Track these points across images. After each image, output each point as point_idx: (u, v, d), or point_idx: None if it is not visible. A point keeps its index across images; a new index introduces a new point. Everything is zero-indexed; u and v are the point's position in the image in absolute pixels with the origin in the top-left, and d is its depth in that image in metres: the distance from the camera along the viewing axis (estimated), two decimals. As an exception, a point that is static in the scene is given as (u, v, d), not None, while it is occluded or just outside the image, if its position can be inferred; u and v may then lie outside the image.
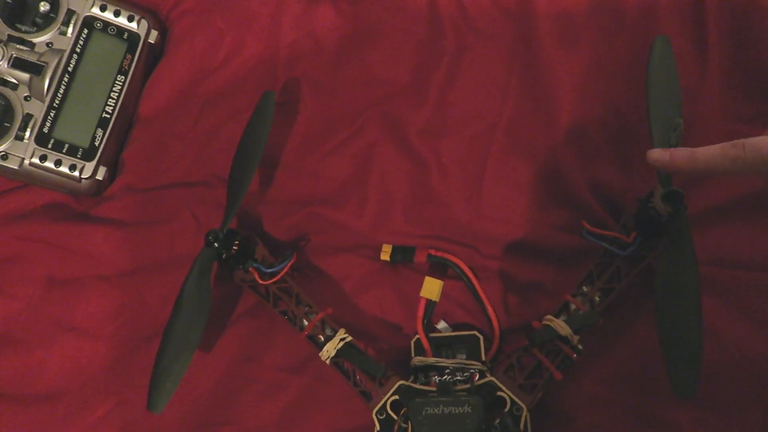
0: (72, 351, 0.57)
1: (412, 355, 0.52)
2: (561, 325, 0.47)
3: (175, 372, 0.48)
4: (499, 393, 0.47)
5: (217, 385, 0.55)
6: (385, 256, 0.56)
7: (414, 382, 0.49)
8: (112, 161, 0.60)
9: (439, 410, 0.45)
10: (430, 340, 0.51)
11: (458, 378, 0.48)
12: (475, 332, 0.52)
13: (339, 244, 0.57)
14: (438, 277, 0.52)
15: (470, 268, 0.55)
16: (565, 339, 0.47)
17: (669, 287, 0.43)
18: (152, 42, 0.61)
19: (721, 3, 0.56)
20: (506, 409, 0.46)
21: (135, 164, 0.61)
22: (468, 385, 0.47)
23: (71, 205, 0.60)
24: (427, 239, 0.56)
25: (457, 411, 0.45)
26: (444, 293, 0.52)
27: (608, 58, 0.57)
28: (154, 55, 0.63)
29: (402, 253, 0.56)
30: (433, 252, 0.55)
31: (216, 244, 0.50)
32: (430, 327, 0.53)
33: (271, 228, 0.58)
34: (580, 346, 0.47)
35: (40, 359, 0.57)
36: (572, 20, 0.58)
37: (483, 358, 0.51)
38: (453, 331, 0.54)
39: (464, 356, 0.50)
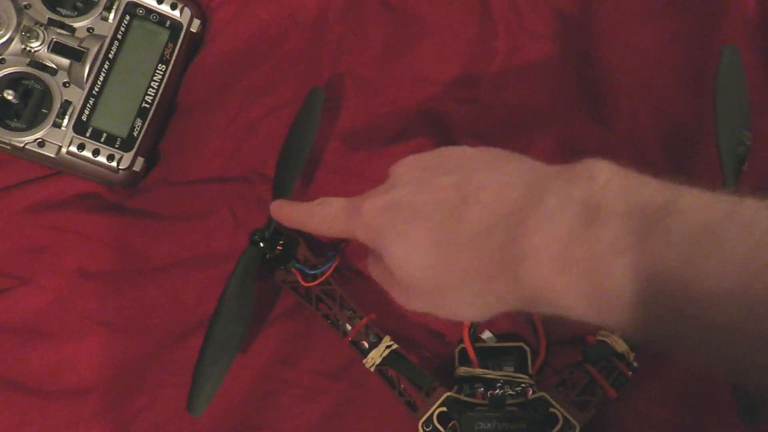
0: (103, 346, 0.55)
1: (456, 365, 0.50)
2: (617, 341, 0.46)
3: (215, 374, 0.47)
4: (551, 410, 0.45)
5: (253, 388, 0.54)
6: (429, 261, 0.54)
7: (458, 393, 0.48)
8: (149, 152, 0.59)
9: (492, 425, 0.43)
10: (475, 350, 0.50)
11: (509, 392, 0.46)
12: (522, 344, 0.51)
13: (381, 247, 0.56)
14: (484, 285, 0.50)
15: (517, 277, 0.53)
16: (620, 356, 0.46)
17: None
18: (194, 31, 0.59)
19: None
20: (558, 427, 0.45)
21: (171, 156, 0.60)
22: (519, 400, 0.46)
23: (104, 196, 0.59)
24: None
25: (510, 427, 0.43)
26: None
27: (668, 65, 0.55)
28: (194, 45, 0.61)
29: (447, 259, 0.54)
30: (479, 259, 0.54)
31: (261, 244, 0.49)
32: (475, 337, 0.51)
33: (312, 227, 0.56)
34: (635, 364, 0.46)
35: (70, 353, 0.55)
36: (631, 25, 0.56)
37: (530, 371, 0.49)
38: (498, 342, 0.52)
39: (512, 369, 0.49)
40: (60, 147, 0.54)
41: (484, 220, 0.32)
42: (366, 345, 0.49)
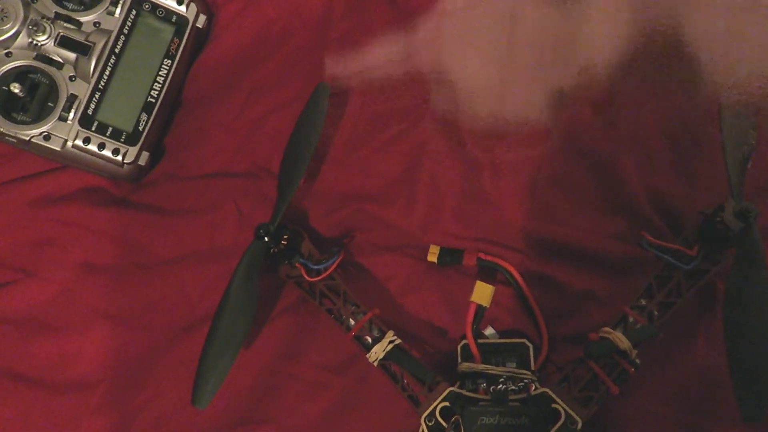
0: (107, 339, 0.55)
1: (459, 360, 0.50)
2: (620, 338, 0.46)
3: (220, 367, 0.47)
4: (553, 405, 0.45)
5: (257, 382, 0.54)
6: (432, 257, 0.54)
7: (461, 388, 0.48)
8: (154, 146, 0.59)
9: (494, 420, 0.44)
10: (478, 346, 0.50)
11: (512, 387, 0.47)
12: (525, 340, 0.51)
13: (385, 243, 0.56)
14: (487, 282, 0.50)
15: (520, 273, 0.54)
16: (622, 353, 0.46)
17: (739, 305, 0.41)
18: (200, 27, 0.59)
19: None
20: (560, 423, 0.45)
21: (177, 151, 0.60)
22: (521, 395, 0.46)
23: (110, 190, 0.59)
24: (476, 242, 0.55)
25: (513, 422, 0.43)
26: (493, 298, 0.51)
27: (673, 63, 0.55)
28: (200, 41, 0.61)
29: (450, 256, 0.54)
30: (482, 256, 0.54)
31: (266, 238, 0.49)
32: (478, 333, 0.52)
33: (316, 223, 0.57)
34: (637, 361, 0.46)
35: (74, 346, 0.55)
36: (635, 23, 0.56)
37: (532, 367, 0.49)
38: (500, 338, 0.53)
39: (514, 365, 0.49)
40: (66, 140, 0.54)
41: None
42: (369, 340, 0.50)
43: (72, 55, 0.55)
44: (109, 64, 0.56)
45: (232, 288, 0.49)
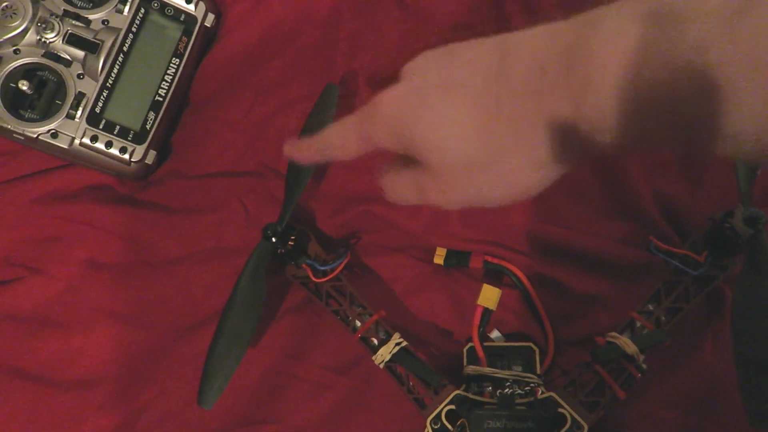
0: (112, 337, 0.55)
1: (465, 363, 0.50)
2: (627, 343, 0.46)
3: (227, 367, 0.47)
4: (559, 410, 0.45)
5: (261, 382, 0.54)
6: (438, 259, 0.54)
7: (466, 391, 0.48)
8: (162, 145, 0.59)
9: (501, 424, 0.43)
10: (484, 349, 0.50)
11: (518, 391, 0.46)
12: (531, 344, 0.51)
13: (391, 244, 0.56)
14: (493, 285, 0.50)
15: (527, 276, 0.53)
16: (630, 357, 0.46)
17: (748, 311, 0.41)
18: (208, 25, 0.59)
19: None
20: (566, 427, 0.45)
21: (184, 149, 0.60)
22: (528, 399, 0.46)
23: (116, 188, 0.59)
24: (482, 244, 0.55)
25: (519, 426, 0.43)
26: (499, 301, 0.51)
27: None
28: (208, 39, 0.61)
29: (456, 258, 0.54)
30: (489, 258, 0.54)
31: (274, 239, 0.49)
32: (484, 336, 0.52)
33: (322, 224, 0.57)
34: (644, 366, 0.46)
35: (79, 344, 0.55)
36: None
37: (538, 371, 0.49)
38: (506, 341, 0.52)
39: (520, 368, 0.49)
40: (73, 138, 0.54)
41: (533, 65, 0.28)
42: (375, 342, 0.49)
43: (80, 53, 0.55)
44: (118, 62, 0.56)
45: (239, 287, 0.49)
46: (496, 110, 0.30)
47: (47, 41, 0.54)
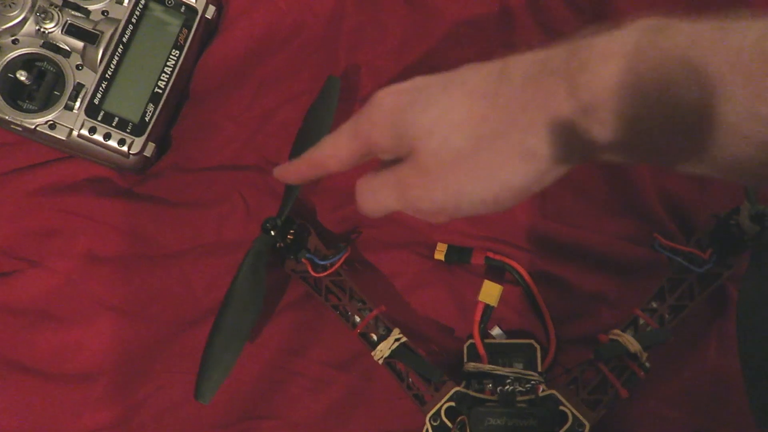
0: (111, 331, 0.55)
1: (465, 360, 0.50)
2: (630, 341, 0.45)
3: (225, 362, 0.47)
4: (561, 407, 0.45)
5: (260, 377, 0.53)
6: (439, 255, 0.54)
7: (467, 388, 0.47)
8: (161, 138, 0.58)
9: (501, 422, 0.43)
10: (485, 346, 0.50)
11: (519, 389, 0.46)
12: (532, 341, 0.50)
13: (392, 240, 0.55)
14: (495, 281, 0.50)
15: (529, 273, 0.53)
16: (633, 355, 0.45)
17: (753, 310, 0.41)
18: (209, 17, 0.59)
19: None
20: (568, 425, 0.44)
21: (184, 142, 0.59)
22: (529, 397, 0.45)
23: (115, 180, 0.58)
24: (485, 240, 0.54)
25: (520, 424, 0.43)
26: (501, 298, 0.50)
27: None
28: (209, 32, 0.60)
29: (458, 254, 0.54)
30: (491, 255, 0.53)
31: (273, 232, 0.48)
32: (484, 332, 0.51)
33: (323, 218, 0.56)
34: (647, 364, 0.45)
35: (78, 337, 0.55)
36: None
37: (539, 368, 0.49)
38: (507, 338, 0.52)
39: (521, 365, 0.49)
40: (71, 130, 0.54)
41: (536, 62, 0.29)
42: (375, 337, 0.49)
43: (79, 44, 0.54)
44: (117, 53, 0.55)
45: (237, 281, 0.48)
46: (493, 99, 0.29)
47: (46, 31, 0.54)
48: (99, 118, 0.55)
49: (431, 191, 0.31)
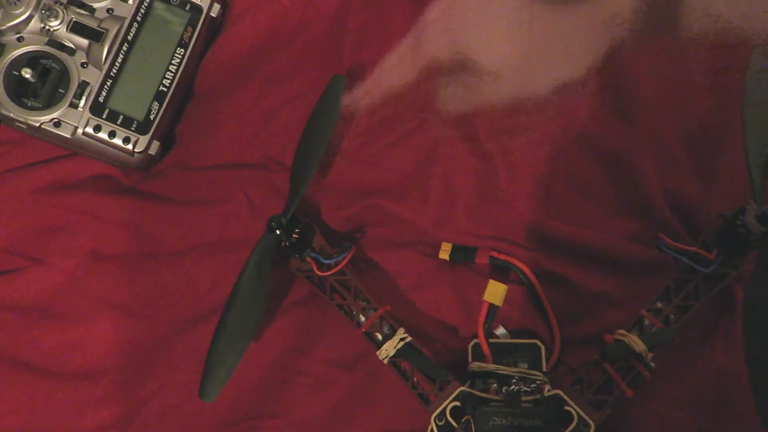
0: (114, 329, 0.55)
1: (470, 359, 0.50)
2: (636, 341, 0.45)
3: (229, 360, 0.47)
4: (566, 407, 0.45)
5: (265, 376, 0.53)
6: (444, 254, 0.53)
7: (471, 387, 0.47)
8: (165, 136, 0.58)
9: (507, 421, 0.43)
10: (489, 345, 0.49)
11: (524, 389, 0.46)
12: (537, 341, 0.50)
13: (397, 239, 0.55)
14: (499, 281, 0.50)
15: (533, 273, 0.53)
16: (638, 356, 0.45)
17: (760, 310, 0.41)
18: (214, 16, 0.59)
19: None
20: (573, 425, 0.44)
21: (188, 141, 0.59)
22: (534, 397, 0.45)
23: (119, 178, 0.58)
24: (489, 240, 0.54)
25: (526, 424, 0.43)
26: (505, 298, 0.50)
27: (693, 65, 0.54)
28: (214, 30, 0.60)
29: (462, 253, 0.54)
30: (495, 254, 0.53)
31: (278, 231, 0.48)
32: (489, 332, 0.51)
33: (328, 217, 0.56)
34: (653, 364, 0.45)
35: (81, 335, 0.55)
36: (656, 25, 0.55)
37: (544, 368, 0.49)
38: (512, 338, 0.52)
39: (526, 365, 0.48)
40: (76, 128, 0.54)
41: None
42: (380, 337, 0.49)
43: (84, 42, 0.54)
44: (122, 51, 0.55)
45: (242, 280, 0.48)
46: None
47: (51, 29, 0.54)
48: (104, 116, 0.55)
49: (498, 89, 0.47)
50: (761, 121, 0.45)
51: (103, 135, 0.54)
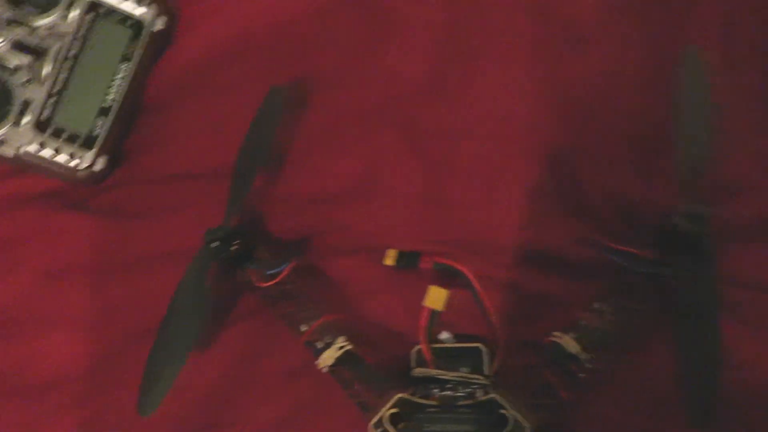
0: (62, 345, 0.55)
1: (413, 365, 0.50)
2: (570, 343, 0.45)
3: (166, 375, 0.47)
4: (501, 411, 0.45)
5: (216, 386, 0.53)
6: (389, 260, 0.53)
7: (414, 394, 0.47)
8: (114, 151, 0.58)
9: (440, 427, 0.43)
10: (432, 351, 0.50)
11: (460, 393, 0.46)
12: (479, 345, 0.50)
13: (343, 247, 0.55)
14: (446, 286, 0.50)
15: (478, 277, 0.53)
16: (573, 357, 0.45)
17: (689, 311, 0.41)
18: (159, 29, 0.59)
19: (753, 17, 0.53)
20: (508, 429, 0.44)
21: (138, 155, 0.59)
22: (471, 401, 0.45)
23: (68, 194, 0.59)
24: (436, 244, 0.54)
25: (458, 429, 0.43)
26: (451, 302, 0.50)
27: (630, 64, 0.54)
28: (162, 43, 0.60)
29: (407, 259, 0.54)
30: (438, 259, 0.53)
31: (214, 244, 0.48)
32: (433, 337, 0.51)
33: (273, 226, 0.56)
34: (588, 365, 0.45)
35: (33, 351, 0.55)
36: (591, 25, 0.55)
37: (486, 372, 0.49)
38: (456, 343, 0.52)
39: (468, 369, 0.48)
40: (19, 146, 0.54)
41: None
42: (320, 345, 0.49)
43: (26, 60, 0.55)
44: (65, 68, 0.55)
45: (178, 294, 0.48)
46: None
47: (-8, 49, 0.54)
48: (48, 133, 0.55)
49: None
50: (691, 120, 0.45)
51: (47, 152, 0.55)
